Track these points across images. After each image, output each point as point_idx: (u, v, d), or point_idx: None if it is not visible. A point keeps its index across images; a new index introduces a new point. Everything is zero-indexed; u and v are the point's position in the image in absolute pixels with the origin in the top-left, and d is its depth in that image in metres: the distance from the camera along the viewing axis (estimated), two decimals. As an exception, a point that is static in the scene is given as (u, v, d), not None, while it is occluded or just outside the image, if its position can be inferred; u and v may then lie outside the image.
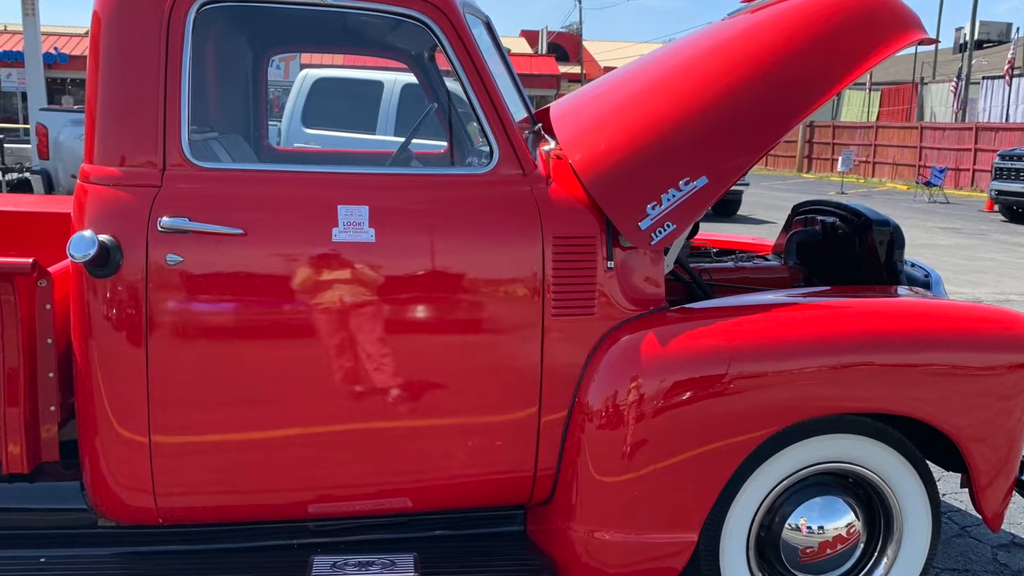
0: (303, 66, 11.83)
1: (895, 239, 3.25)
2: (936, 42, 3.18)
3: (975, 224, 17.24)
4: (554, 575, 2.54)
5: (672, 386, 2.44)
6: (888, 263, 3.25)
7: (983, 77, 33.65)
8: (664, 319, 2.57)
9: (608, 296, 2.54)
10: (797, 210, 3.73)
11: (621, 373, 2.46)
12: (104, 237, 2.25)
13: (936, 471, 2.76)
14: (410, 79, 8.23)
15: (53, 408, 2.41)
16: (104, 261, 2.25)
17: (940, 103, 35.42)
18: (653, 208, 2.51)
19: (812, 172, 34.94)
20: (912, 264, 3.51)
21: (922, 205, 21.36)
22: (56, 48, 26.42)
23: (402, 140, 2.93)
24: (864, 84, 37.48)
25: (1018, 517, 3.72)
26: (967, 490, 2.71)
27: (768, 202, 19.74)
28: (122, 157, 2.35)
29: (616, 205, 2.51)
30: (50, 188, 10.35)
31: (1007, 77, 30.72)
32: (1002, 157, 18.51)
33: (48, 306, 2.37)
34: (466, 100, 2.51)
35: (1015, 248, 13.65)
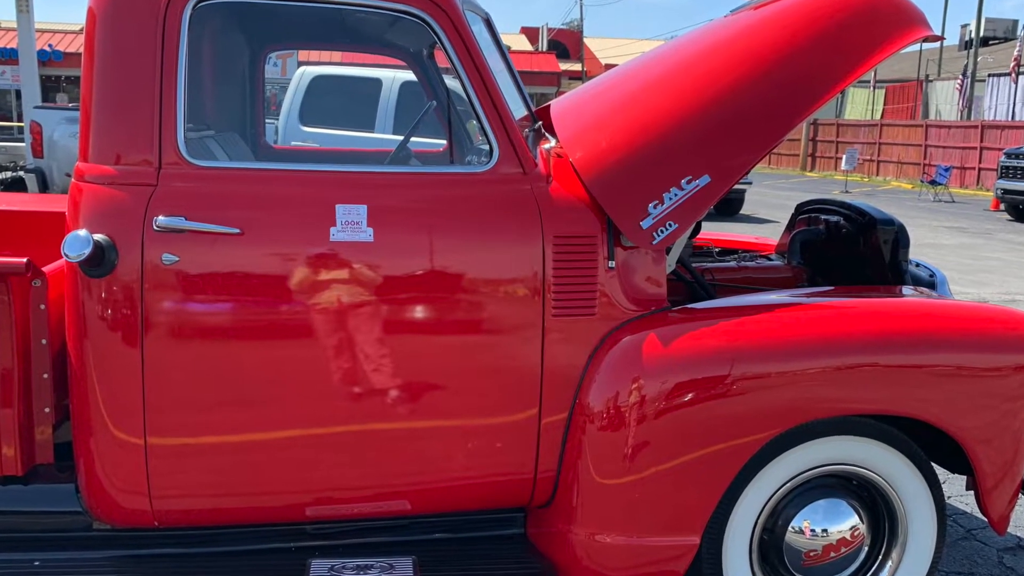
0: (300, 63, 11.80)
1: (900, 238, 3.22)
2: (941, 39, 3.15)
3: (980, 223, 17.19)
4: (554, 578, 2.52)
5: (674, 387, 2.41)
6: (893, 263, 3.22)
7: (989, 74, 33.60)
8: (666, 319, 2.55)
9: (609, 296, 2.52)
10: (800, 209, 3.70)
11: (622, 374, 2.44)
12: (99, 236, 2.23)
13: (941, 473, 2.73)
14: (409, 77, 8.22)
15: (47, 410, 2.39)
16: (99, 261, 2.23)
17: (945, 101, 35.36)
18: (655, 207, 2.48)
19: (816, 171, 34.89)
20: (917, 264, 3.48)
21: (927, 204, 21.32)
22: (50, 45, 26.31)
23: (401, 138, 2.92)
24: (868, 81, 37.42)
25: (1024, 519, 3.69)
26: (972, 492, 2.68)
27: (771, 201, 19.71)
28: (117, 155, 2.32)
29: (617, 204, 2.48)
30: (44, 187, 10.34)
31: (1013, 74, 30.67)
32: (1008, 155, 18.46)
33: (42, 306, 2.34)
34: (465, 98, 2.49)
35: (1021, 248, 13.61)
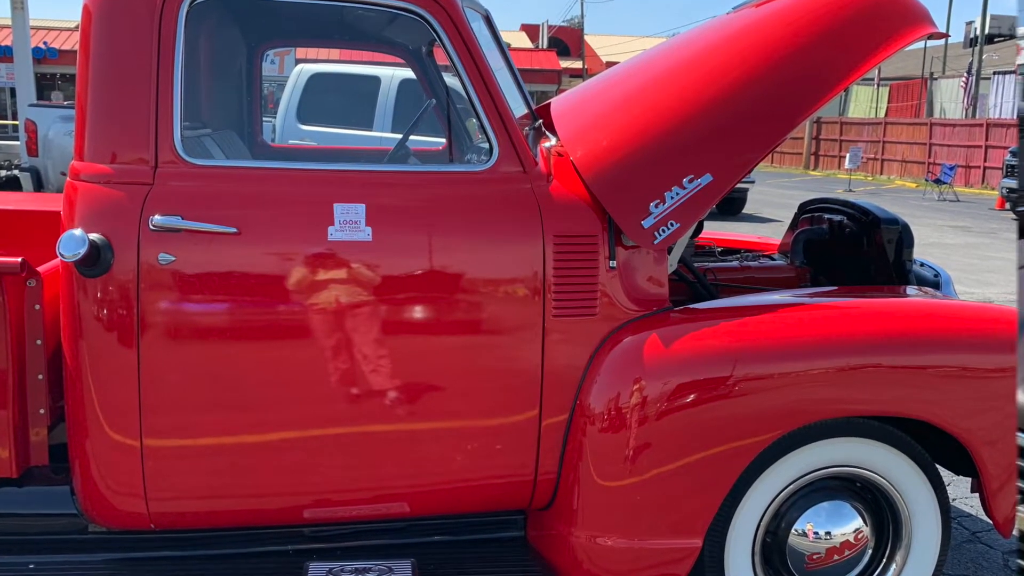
0: (298, 61, 11.75)
1: (904, 238, 3.19)
2: (946, 36, 3.12)
3: (985, 222, 17.14)
4: (554, 582, 2.49)
5: (676, 388, 2.39)
6: (897, 262, 3.19)
7: (994, 72, 33.49)
8: (667, 320, 2.52)
9: (610, 296, 2.49)
10: (804, 208, 3.67)
11: (624, 375, 2.42)
12: (95, 236, 2.21)
13: (946, 475, 2.70)
14: (408, 74, 8.19)
15: (42, 411, 2.37)
16: (94, 260, 2.21)
17: (950, 99, 35.26)
18: (656, 206, 2.45)
19: (819, 169, 34.84)
20: (921, 263, 3.45)
21: (931, 203, 21.26)
22: (45, 43, 26.14)
23: (399, 137, 2.90)
24: (872, 79, 37.34)
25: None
26: (978, 495, 2.65)
27: (774, 200, 19.68)
28: (113, 154, 2.30)
29: (618, 203, 2.45)
30: (39, 186, 10.31)
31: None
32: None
33: (37, 306, 2.32)
34: (465, 96, 2.47)
35: (1025, 246, 13.53)
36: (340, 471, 2.44)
